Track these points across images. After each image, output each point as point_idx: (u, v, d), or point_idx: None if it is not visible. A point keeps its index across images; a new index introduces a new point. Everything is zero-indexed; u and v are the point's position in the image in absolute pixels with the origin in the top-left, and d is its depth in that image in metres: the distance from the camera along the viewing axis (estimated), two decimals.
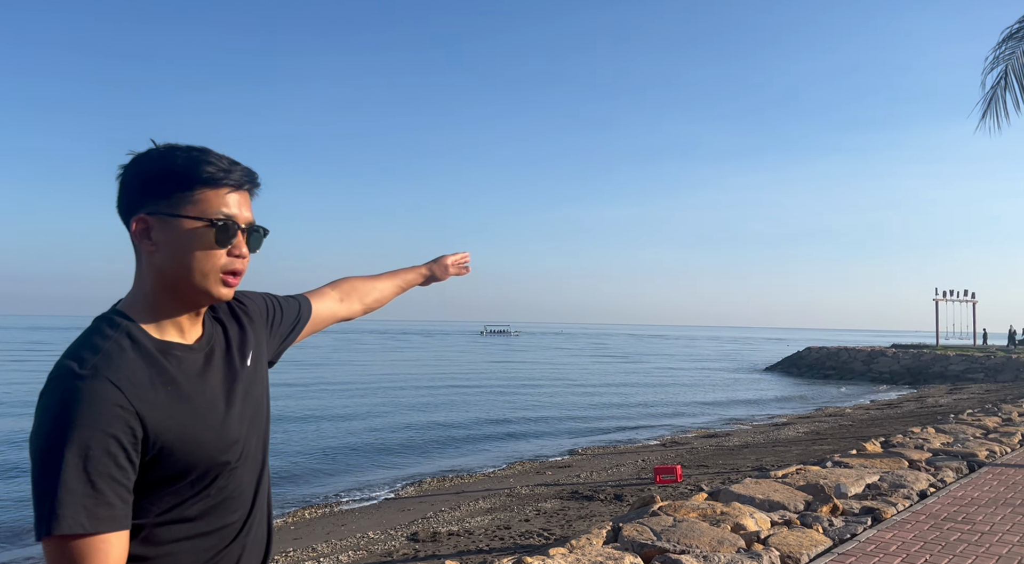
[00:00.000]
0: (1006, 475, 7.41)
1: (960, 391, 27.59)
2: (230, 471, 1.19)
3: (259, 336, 1.34)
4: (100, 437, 1.02)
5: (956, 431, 10.00)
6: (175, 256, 1.14)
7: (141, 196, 1.15)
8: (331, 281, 1.66)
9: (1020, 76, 9.98)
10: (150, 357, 1.13)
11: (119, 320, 1.15)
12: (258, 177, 1.22)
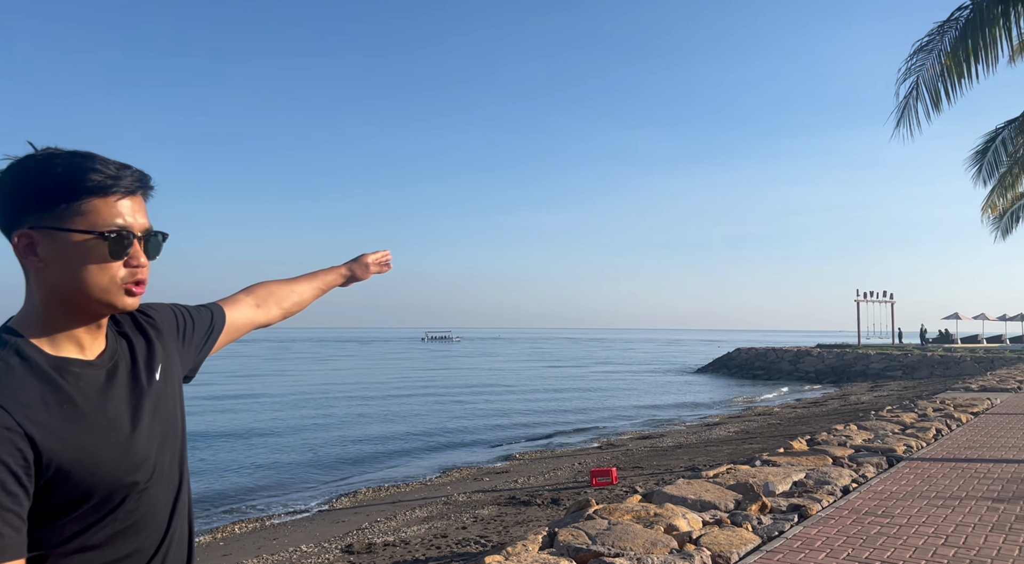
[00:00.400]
0: (922, 469, 7.75)
1: (880, 388, 28.79)
2: (139, 493, 1.13)
3: (169, 349, 1.28)
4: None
5: (876, 428, 10.41)
6: (67, 272, 1.08)
7: (22, 209, 1.08)
8: (245, 287, 1.60)
9: (930, 87, 10.50)
10: (43, 375, 1.06)
11: (7, 337, 1.08)
12: (151, 180, 1.16)
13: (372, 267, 1.86)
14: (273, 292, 1.60)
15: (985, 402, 14.09)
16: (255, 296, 1.57)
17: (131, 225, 1.11)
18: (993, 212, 20.58)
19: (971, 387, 18.22)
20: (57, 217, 1.07)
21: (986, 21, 10.23)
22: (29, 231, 1.07)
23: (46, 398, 1.04)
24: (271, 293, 1.60)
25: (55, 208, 1.06)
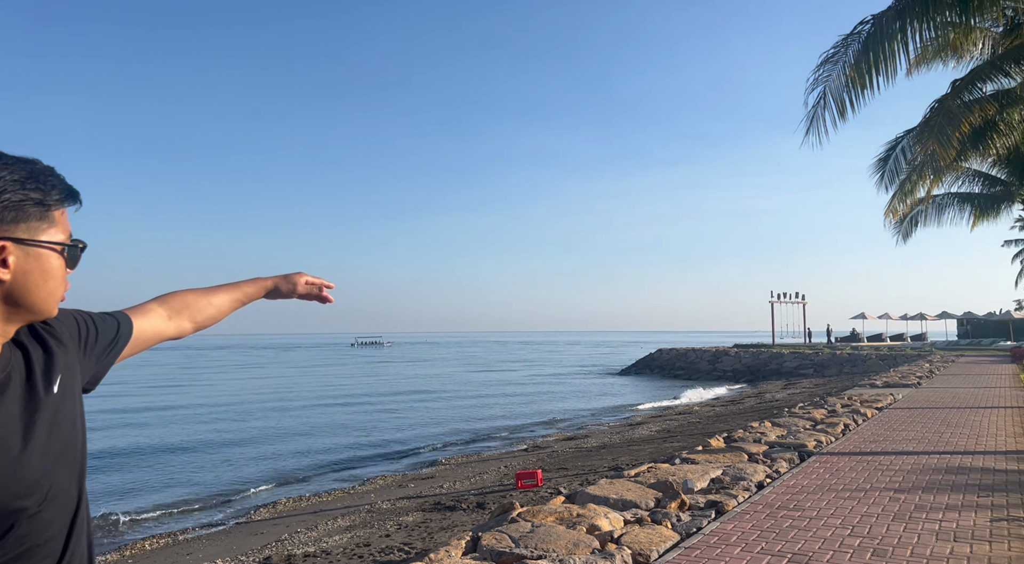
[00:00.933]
0: (831, 463, 8.09)
1: (793, 386, 29.96)
2: (30, 517, 1.05)
3: (69, 359, 1.20)
4: None
5: (789, 424, 10.81)
6: (31, 282, 1.08)
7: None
8: (158, 296, 1.51)
9: (836, 97, 11.01)
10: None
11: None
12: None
13: (302, 288, 1.73)
14: (188, 303, 1.52)
15: (888, 397, 14.84)
16: (167, 306, 1.49)
17: (70, 236, 1.14)
18: (895, 217, 21.73)
19: (876, 383, 19.17)
20: (31, 229, 1.07)
21: (885, 36, 10.80)
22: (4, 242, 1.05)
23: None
24: (186, 304, 1.52)
25: (29, 220, 1.06)
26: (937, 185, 20.26)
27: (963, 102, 14.49)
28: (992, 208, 24.12)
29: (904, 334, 57.00)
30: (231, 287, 1.63)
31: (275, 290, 1.70)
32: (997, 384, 18.42)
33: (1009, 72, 15.01)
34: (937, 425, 10.96)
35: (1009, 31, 15.83)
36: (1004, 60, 15.09)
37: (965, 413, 12.40)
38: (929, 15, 10.81)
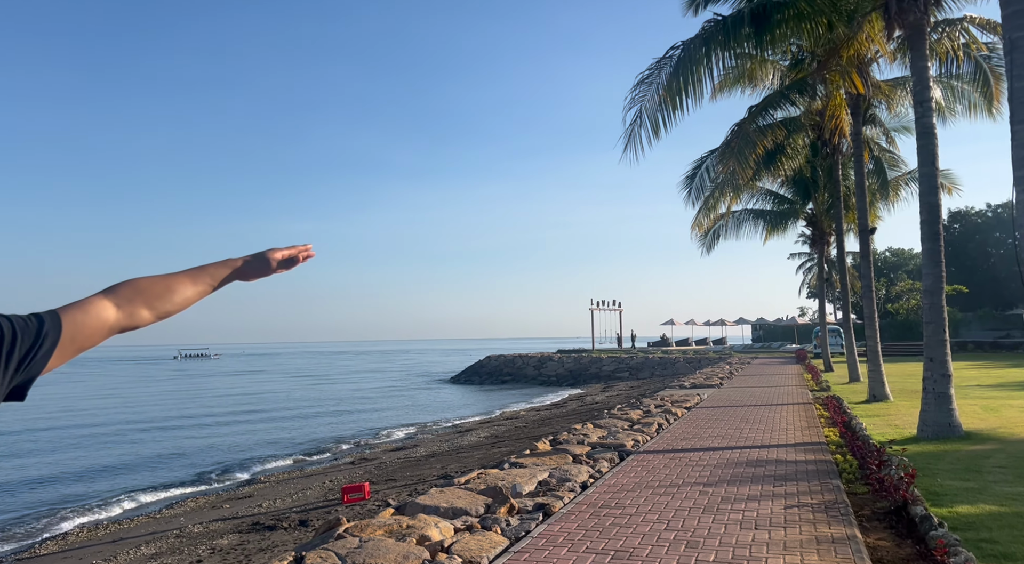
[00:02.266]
0: (647, 461, 8.54)
1: (612, 389, 31.57)
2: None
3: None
4: None
5: (609, 425, 11.32)
6: None
7: None
8: (109, 286, 1.38)
9: (651, 116, 11.76)
10: None
11: None
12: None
13: (275, 263, 1.62)
14: (142, 290, 1.39)
15: (696, 397, 16.01)
16: (117, 296, 1.36)
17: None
18: (700, 230, 23.65)
19: (684, 385, 20.64)
20: None
21: (693, 61, 11.68)
22: None
23: None
24: (139, 291, 1.39)
25: None
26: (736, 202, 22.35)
27: (758, 127, 16.00)
28: (781, 223, 26.97)
29: (707, 339, 62.04)
30: (196, 271, 1.50)
31: (247, 270, 1.58)
32: (786, 383, 20.47)
33: (795, 101, 16.80)
34: (738, 422, 11.95)
35: (794, 65, 17.74)
36: (790, 90, 16.85)
37: (761, 410, 13.64)
38: (730, 45, 11.82)
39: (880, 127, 20.93)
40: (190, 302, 1.48)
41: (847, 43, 12.71)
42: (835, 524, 5.60)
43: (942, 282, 10.24)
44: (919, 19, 10.48)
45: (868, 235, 16.17)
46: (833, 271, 29.77)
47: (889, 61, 14.46)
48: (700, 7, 16.02)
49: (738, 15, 11.74)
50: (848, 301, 21.82)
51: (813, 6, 11.48)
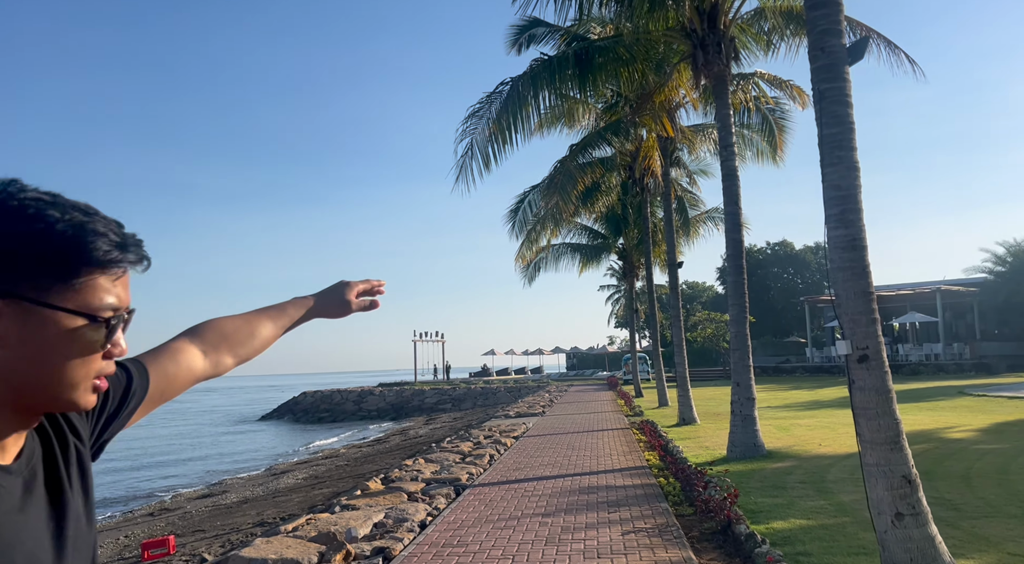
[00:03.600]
0: (483, 494, 8.40)
1: (435, 421, 31.27)
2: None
3: (83, 441, 0.96)
4: None
5: (441, 459, 11.08)
6: (35, 358, 0.79)
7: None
8: (188, 329, 1.24)
9: (482, 149, 11.89)
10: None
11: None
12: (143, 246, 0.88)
13: (355, 303, 1.43)
14: (227, 334, 1.27)
15: (522, 426, 16.19)
16: (201, 340, 1.23)
17: (123, 305, 0.86)
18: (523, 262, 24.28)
19: (510, 414, 20.87)
20: (42, 289, 0.79)
21: (521, 98, 11.99)
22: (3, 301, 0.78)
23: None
24: (224, 335, 1.26)
25: (41, 278, 0.79)
26: (556, 235, 23.23)
27: (578, 164, 16.77)
28: (595, 257, 28.42)
29: (526, 368, 63.67)
30: (274, 311, 1.36)
31: (327, 307, 1.42)
32: (602, 409, 21.34)
33: (611, 141, 17.82)
34: (565, 449, 12.19)
35: (608, 108, 18.86)
36: (607, 131, 17.85)
37: (584, 436, 14.03)
38: (555, 84, 12.28)
39: (684, 169, 22.76)
40: (268, 346, 1.36)
41: (659, 89, 13.68)
42: (671, 547, 5.76)
43: (746, 312, 11.15)
44: (722, 70, 11.49)
45: (676, 269, 17.38)
46: (638, 302, 31.75)
47: (695, 108, 15.77)
48: (523, 47, 16.60)
49: (564, 56, 12.24)
50: (657, 330, 23.29)
51: (631, 52, 12.23)
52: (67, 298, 0.81)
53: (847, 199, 5.06)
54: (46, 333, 0.80)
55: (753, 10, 12.80)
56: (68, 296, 0.81)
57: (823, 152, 5.09)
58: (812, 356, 41.85)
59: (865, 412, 4.96)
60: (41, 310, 0.79)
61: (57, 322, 0.80)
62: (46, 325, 0.80)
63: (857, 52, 5.08)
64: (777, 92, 15.55)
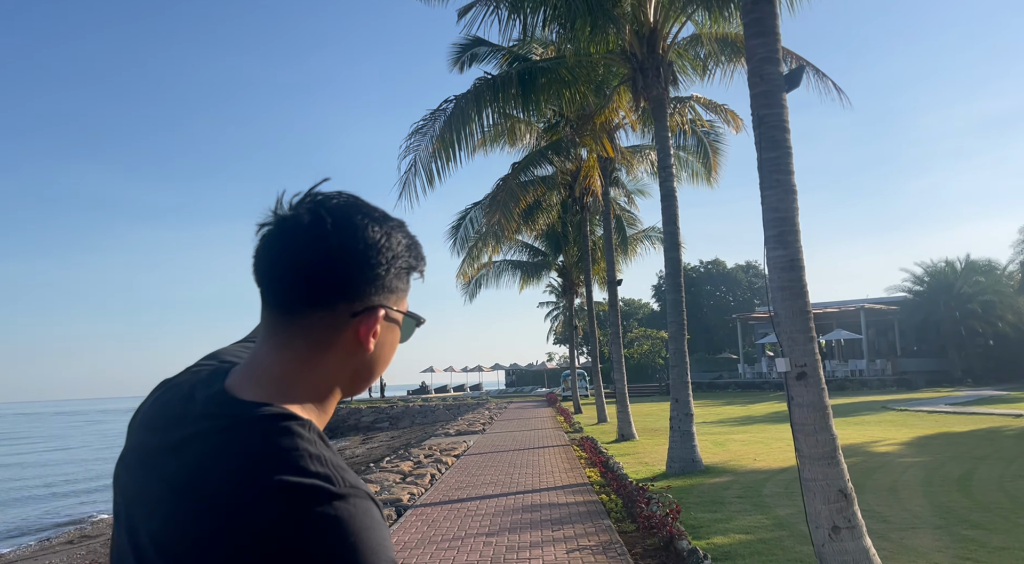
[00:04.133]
0: (426, 514, 8.29)
1: (372, 440, 30.75)
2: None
3: None
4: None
5: (381, 479, 10.89)
6: (384, 356, 0.93)
7: (361, 281, 0.86)
8: None
9: (425, 166, 11.85)
10: None
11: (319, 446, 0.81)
12: None
13: None
14: None
15: (463, 444, 16.07)
16: None
17: None
18: (464, 279, 24.26)
19: (450, 432, 20.69)
20: (398, 298, 0.91)
21: (465, 115, 12.02)
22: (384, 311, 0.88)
23: None
24: None
25: (396, 288, 0.90)
26: (497, 252, 23.30)
27: (520, 182, 16.89)
28: (536, 274, 28.61)
29: (465, 385, 63.35)
30: None
31: None
32: (543, 426, 21.39)
33: (552, 160, 18.02)
34: (507, 467, 12.15)
35: (549, 128, 19.09)
36: (547, 150, 18.06)
37: (525, 454, 14.02)
38: (499, 103, 12.36)
39: (622, 188, 23.18)
40: None
41: (599, 111, 13.93)
42: None
43: (684, 329, 11.38)
44: (661, 94, 11.78)
45: (615, 286, 17.62)
46: (577, 319, 32.05)
47: (634, 129, 16.09)
48: (466, 65, 16.70)
49: (507, 76, 12.35)
50: (597, 346, 23.54)
51: (573, 74, 12.43)
52: (405, 304, 0.94)
53: (785, 221, 5.23)
54: (394, 335, 0.93)
55: (690, 36, 13.18)
56: (405, 302, 0.94)
57: (762, 175, 5.26)
58: (744, 372, 42.96)
59: (803, 428, 5.11)
60: (396, 316, 0.92)
61: (401, 325, 0.93)
62: (394, 329, 0.93)
63: (793, 80, 5.28)
64: (712, 116, 16.03)
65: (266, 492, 0.74)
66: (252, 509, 0.74)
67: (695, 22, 12.78)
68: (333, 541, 0.73)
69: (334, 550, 0.72)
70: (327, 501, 0.75)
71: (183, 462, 0.81)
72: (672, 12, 12.06)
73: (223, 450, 0.80)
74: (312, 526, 0.73)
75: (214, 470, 0.78)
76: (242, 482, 0.76)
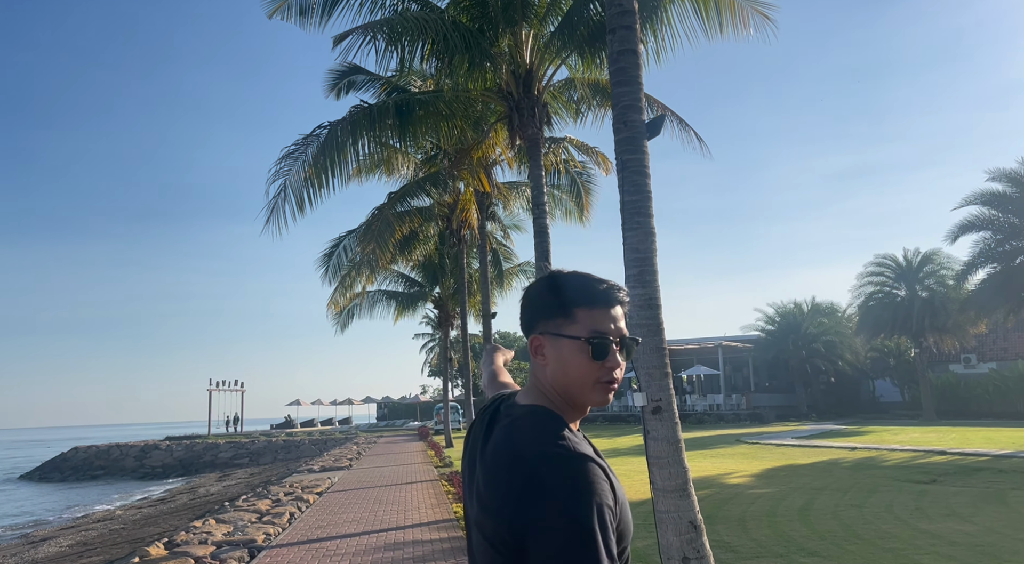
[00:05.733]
0: (282, 556, 7.87)
1: (229, 477, 29.07)
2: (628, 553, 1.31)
3: None
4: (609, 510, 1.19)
5: (235, 519, 10.27)
6: (559, 369, 1.33)
7: (535, 318, 1.38)
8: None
9: (296, 191, 11.47)
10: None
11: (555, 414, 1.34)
12: (624, 293, 1.39)
13: None
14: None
15: (327, 481, 15.48)
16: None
17: (609, 331, 1.33)
18: (336, 309, 23.58)
19: (314, 468, 19.89)
20: (557, 325, 1.34)
21: (340, 143, 11.82)
22: (539, 336, 1.36)
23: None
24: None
25: (554, 318, 1.35)
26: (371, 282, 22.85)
27: (397, 212, 16.75)
28: (411, 305, 28.30)
29: (333, 419, 61.33)
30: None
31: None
32: (412, 461, 21.01)
33: (429, 192, 18.01)
34: (372, 504, 11.80)
35: (427, 160, 19.13)
36: (424, 182, 18.05)
37: (392, 490, 13.69)
38: (375, 132, 12.26)
39: (499, 223, 23.46)
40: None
41: (477, 146, 14.10)
42: None
43: None
44: (536, 133, 12.09)
45: (490, 318, 17.72)
46: (452, 351, 31.94)
47: (511, 166, 16.39)
48: (343, 92, 16.46)
49: (384, 105, 12.28)
50: (471, 379, 23.48)
51: (451, 108, 12.54)
52: (569, 328, 1.32)
53: (645, 261, 5.45)
54: (561, 351, 1.33)
55: (564, 79, 13.65)
56: (570, 327, 1.32)
57: (624, 217, 5.47)
58: (612, 405, 44.23)
59: (658, 461, 5.28)
60: (558, 339, 1.33)
61: (566, 344, 1.32)
62: (561, 346, 1.33)
63: (655, 128, 5.56)
64: (584, 157, 16.61)
65: (531, 455, 1.22)
66: (522, 462, 1.21)
67: (569, 66, 13.26)
68: (564, 485, 1.16)
69: (564, 492, 1.15)
70: (566, 460, 1.21)
71: (489, 444, 1.33)
72: (548, 55, 12.46)
73: (509, 433, 1.31)
74: (552, 474, 1.18)
75: (503, 443, 1.29)
76: (517, 449, 1.25)
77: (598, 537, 1.12)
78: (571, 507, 1.13)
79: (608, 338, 1.32)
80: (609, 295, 1.35)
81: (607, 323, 1.33)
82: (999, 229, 21.94)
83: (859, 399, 43.11)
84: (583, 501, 1.14)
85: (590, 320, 1.32)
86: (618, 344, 1.34)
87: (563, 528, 1.12)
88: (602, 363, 1.31)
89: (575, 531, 1.12)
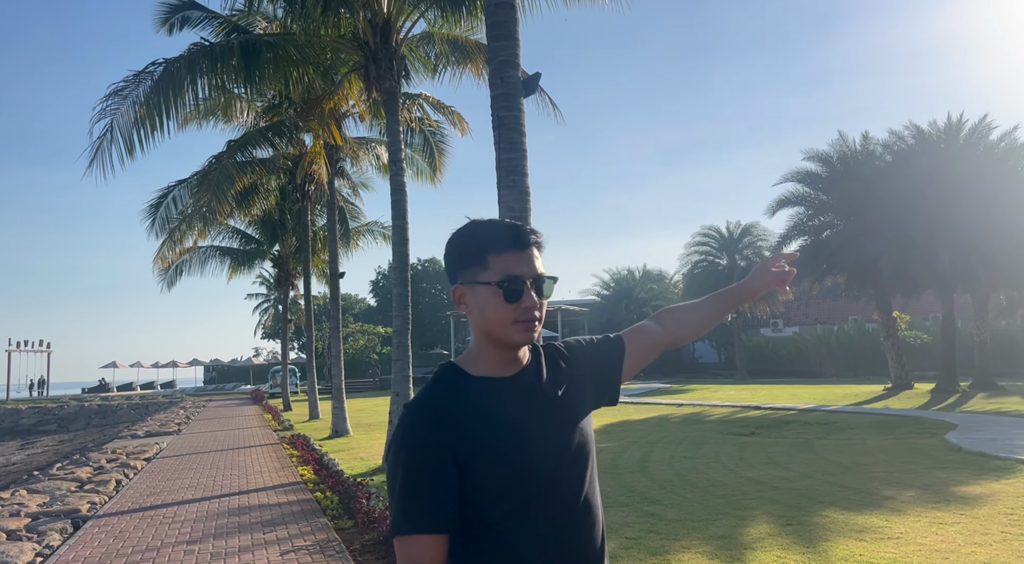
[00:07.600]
0: (111, 525, 7.27)
1: (34, 445, 26.42)
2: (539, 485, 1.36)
3: (576, 375, 1.53)
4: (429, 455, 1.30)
5: (51, 489, 9.36)
6: (480, 315, 1.39)
7: (454, 269, 1.43)
8: (655, 313, 1.80)
9: (125, 133, 10.38)
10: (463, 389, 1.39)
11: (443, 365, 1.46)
12: (538, 235, 1.44)
13: (769, 277, 1.80)
14: (674, 313, 1.79)
15: (155, 447, 14.47)
16: (657, 320, 1.77)
17: (522, 273, 1.36)
18: (163, 264, 21.87)
19: (138, 434, 18.52)
20: (472, 274, 1.39)
21: (176, 82, 10.82)
22: (460, 286, 1.42)
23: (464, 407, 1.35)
24: (672, 314, 1.79)
25: (470, 267, 1.40)
26: (204, 237, 21.35)
27: (236, 162, 15.69)
28: (247, 262, 26.80)
29: (155, 382, 57.36)
30: (717, 297, 1.82)
31: (756, 286, 1.81)
32: (248, 425, 20.12)
33: (273, 143, 17.04)
34: (209, 469, 11.17)
35: (270, 108, 18.05)
36: (268, 131, 17.05)
37: (230, 454, 13.04)
38: (218, 73, 11.34)
39: (347, 180, 22.68)
40: (714, 320, 1.79)
41: (328, 96, 13.45)
42: (333, 562, 5.58)
43: (409, 324, 11.42)
44: (393, 87, 11.73)
45: (338, 278, 17.17)
46: (291, 312, 30.76)
47: (363, 120, 15.81)
48: (176, 27, 15.06)
49: (228, 45, 11.37)
50: (313, 341, 22.73)
51: (302, 54, 11.85)
52: (482, 275, 1.37)
53: (520, 220, 5.46)
54: (479, 298, 1.37)
55: (422, 33, 13.31)
56: (482, 274, 1.37)
57: (500, 175, 5.43)
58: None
59: None
60: (475, 286, 1.38)
61: (481, 290, 1.37)
62: (478, 294, 1.38)
63: (530, 86, 5.54)
64: (440, 116, 16.35)
65: None
66: None
67: (428, 20, 12.93)
68: (391, 440, 1.33)
69: (389, 446, 1.34)
70: (402, 416, 1.34)
71: None
72: (407, 6, 12.07)
73: None
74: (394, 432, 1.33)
75: None
76: None
77: (397, 488, 1.26)
78: (387, 461, 1.31)
79: (520, 280, 1.36)
80: (519, 239, 1.39)
81: (520, 266, 1.37)
82: (811, 205, 24.21)
83: (680, 360, 46.41)
84: (393, 456, 1.29)
85: (502, 265, 1.36)
86: (532, 284, 1.38)
87: (388, 479, 1.31)
88: (517, 304, 1.35)
89: (388, 485, 1.30)
